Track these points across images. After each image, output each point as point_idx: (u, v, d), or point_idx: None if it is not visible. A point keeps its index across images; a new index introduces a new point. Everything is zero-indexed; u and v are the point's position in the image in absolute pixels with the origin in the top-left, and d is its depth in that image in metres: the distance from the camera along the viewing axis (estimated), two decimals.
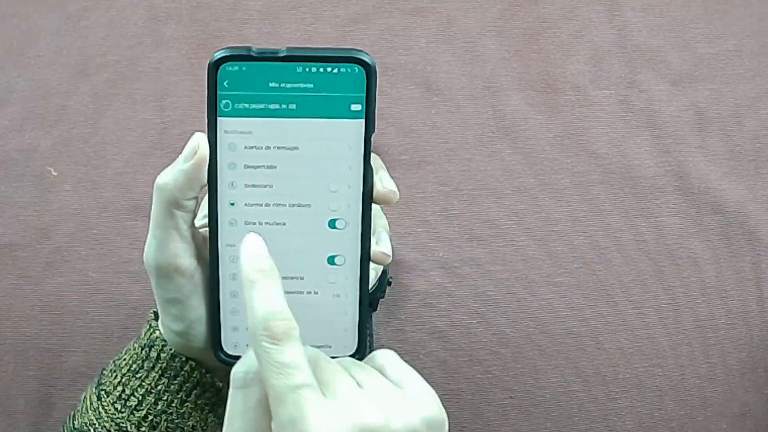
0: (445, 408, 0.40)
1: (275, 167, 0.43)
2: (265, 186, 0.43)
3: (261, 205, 0.44)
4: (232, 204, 0.44)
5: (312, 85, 0.42)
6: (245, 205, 0.44)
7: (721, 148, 0.66)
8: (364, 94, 0.42)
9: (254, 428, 0.38)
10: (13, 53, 0.68)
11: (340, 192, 0.44)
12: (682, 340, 0.64)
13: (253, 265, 0.39)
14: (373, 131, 0.43)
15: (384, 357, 0.42)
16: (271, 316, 0.37)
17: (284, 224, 0.44)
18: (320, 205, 0.44)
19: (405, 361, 0.42)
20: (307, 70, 0.42)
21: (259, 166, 0.43)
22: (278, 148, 0.43)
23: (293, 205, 0.44)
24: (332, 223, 0.44)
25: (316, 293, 0.45)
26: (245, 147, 0.43)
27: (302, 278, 0.45)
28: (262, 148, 0.43)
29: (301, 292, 0.45)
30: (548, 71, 0.67)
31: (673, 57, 0.68)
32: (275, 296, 0.38)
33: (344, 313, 0.45)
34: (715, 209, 0.65)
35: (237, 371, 0.39)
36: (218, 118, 0.43)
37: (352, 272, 0.45)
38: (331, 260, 0.45)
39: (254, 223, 0.44)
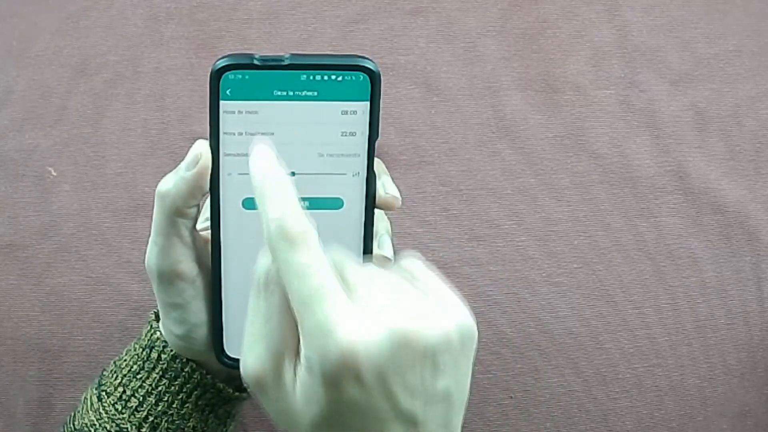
0: None
1: (280, 137, 0.43)
2: None
3: None
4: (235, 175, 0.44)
5: (316, 93, 0.42)
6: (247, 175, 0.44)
7: (721, 148, 0.66)
8: (368, 102, 0.42)
9: (278, 334, 0.36)
10: (13, 53, 0.68)
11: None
12: (682, 340, 0.64)
13: (264, 170, 0.37)
14: (377, 138, 0.43)
15: (412, 264, 0.39)
16: (286, 218, 0.35)
17: None
18: None
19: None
20: (310, 77, 0.42)
21: (263, 136, 0.43)
22: (282, 118, 0.42)
23: (296, 174, 0.44)
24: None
25: None
26: (248, 118, 0.42)
27: None
28: (266, 118, 0.42)
29: None
30: (548, 71, 0.67)
31: (673, 57, 0.68)
32: (289, 199, 0.36)
33: None
34: (715, 209, 0.65)
35: (257, 272, 0.36)
36: (221, 126, 0.42)
37: (357, 244, 0.45)
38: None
39: None
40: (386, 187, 0.45)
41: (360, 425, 0.34)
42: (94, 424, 0.47)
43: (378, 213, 0.48)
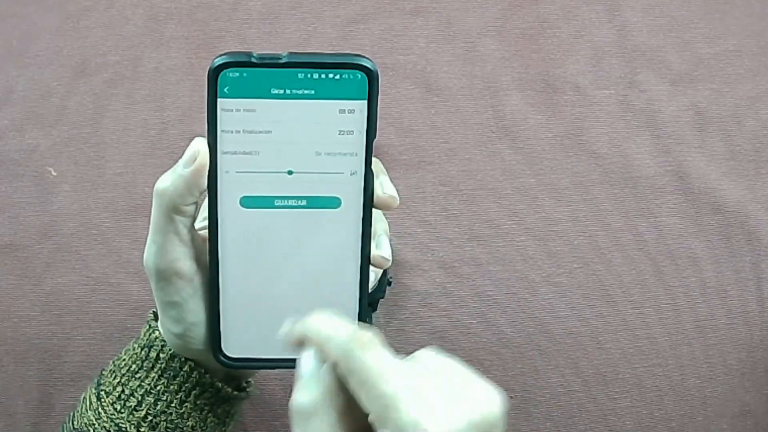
0: None
1: (277, 135, 0.43)
2: (267, 155, 0.43)
3: (261, 173, 0.44)
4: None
5: (313, 92, 0.42)
6: (245, 173, 0.43)
7: (721, 148, 0.66)
8: (366, 100, 0.42)
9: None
10: (13, 53, 0.68)
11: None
12: (682, 340, 0.64)
13: (297, 324, 0.40)
14: (375, 137, 0.43)
15: (429, 358, 0.41)
16: (355, 329, 0.37)
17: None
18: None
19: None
20: (308, 76, 0.42)
21: (260, 134, 0.43)
22: (280, 116, 0.42)
23: (294, 173, 0.44)
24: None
25: None
26: (246, 116, 0.42)
27: None
28: (263, 116, 0.42)
29: None
30: (548, 71, 0.67)
31: (673, 57, 0.68)
32: (342, 320, 0.39)
33: (344, 309, 0.45)
34: (715, 209, 0.65)
35: (302, 401, 0.38)
36: (218, 122, 0.42)
37: (354, 243, 0.45)
38: None
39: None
40: (384, 187, 0.45)
41: None
42: (93, 424, 0.47)
43: (376, 213, 0.48)
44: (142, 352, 0.48)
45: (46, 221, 0.64)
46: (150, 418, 0.47)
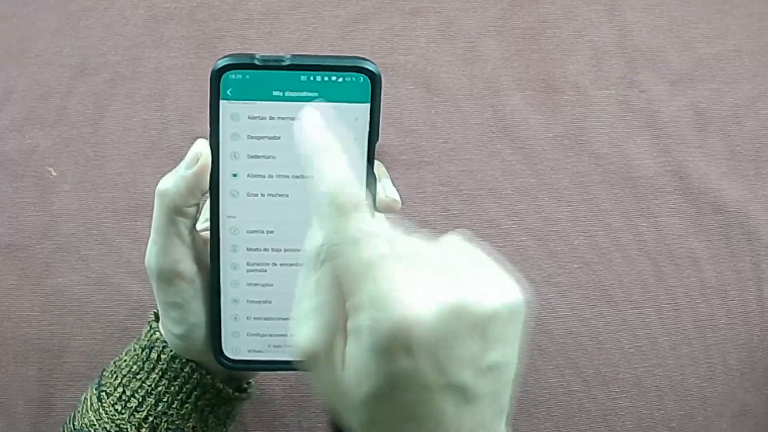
0: None
1: (279, 138, 0.43)
2: (268, 157, 0.43)
3: (264, 177, 0.43)
4: (234, 175, 0.43)
5: (316, 94, 0.42)
6: (248, 176, 0.43)
7: (721, 148, 0.66)
8: (368, 104, 0.42)
9: (328, 309, 0.35)
10: (13, 53, 0.68)
11: None
12: (682, 340, 0.64)
13: (312, 136, 0.36)
14: (377, 140, 0.43)
15: (458, 240, 0.38)
16: (339, 189, 0.34)
17: (287, 196, 0.44)
18: None
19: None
20: (311, 78, 0.42)
21: (262, 137, 0.43)
22: (282, 118, 0.42)
23: (296, 177, 0.44)
24: None
25: None
26: (248, 118, 0.42)
27: None
28: (266, 118, 0.42)
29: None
30: (548, 71, 0.67)
31: (673, 57, 0.68)
32: (340, 168, 0.35)
33: None
34: (715, 209, 0.65)
35: (308, 249, 0.35)
36: (221, 124, 0.42)
37: None
38: None
39: (256, 195, 0.44)
40: (386, 190, 0.45)
41: (411, 398, 0.33)
42: (94, 425, 0.47)
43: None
44: (143, 353, 0.48)
45: (46, 221, 0.64)
46: (151, 419, 0.47)
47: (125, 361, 0.49)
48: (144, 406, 0.47)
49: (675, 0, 0.69)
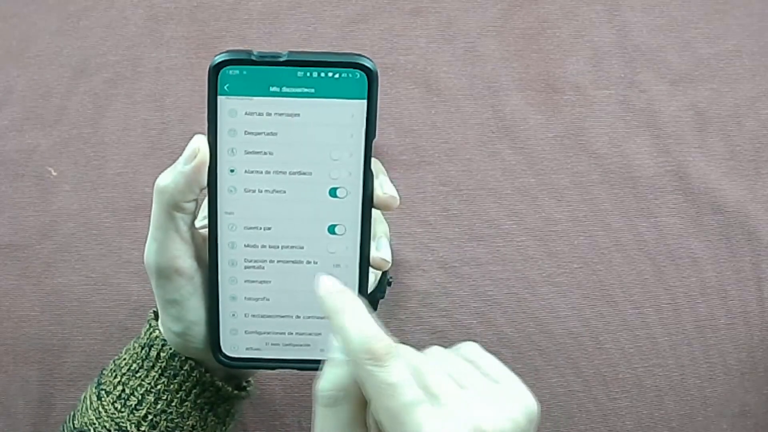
0: None
1: (276, 134, 0.43)
2: (266, 153, 0.43)
3: (261, 173, 0.43)
4: (232, 171, 0.43)
5: (313, 90, 0.42)
6: (245, 172, 0.43)
7: (721, 148, 0.66)
8: (365, 100, 0.42)
9: None
10: (13, 53, 0.68)
11: (342, 160, 0.43)
12: (682, 340, 0.64)
13: (334, 293, 0.38)
14: (374, 137, 0.43)
15: (473, 351, 0.42)
16: (371, 338, 0.36)
17: (284, 192, 0.44)
18: (321, 173, 0.43)
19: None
20: (308, 74, 0.42)
21: (259, 133, 0.43)
22: (279, 114, 0.42)
23: (294, 173, 0.44)
24: (333, 192, 0.44)
25: (315, 263, 0.45)
26: (245, 113, 0.42)
27: (302, 248, 0.45)
28: (263, 114, 0.42)
29: (301, 262, 0.45)
30: (548, 71, 0.67)
31: (673, 57, 0.68)
32: (367, 319, 0.37)
33: (344, 283, 0.45)
34: (715, 209, 0.65)
35: (324, 389, 0.38)
36: (218, 119, 0.42)
37: (353, 243, 0.45)
38: (331, 230, 0.45)
39: (254, 191, 0.44)
40: (384, 187, 0.45)
41: None
42: (94, 423, 0.47)
43: (377, 214, 0.48)
44: (143, 351, 0.48)
45: (46, 221, 0.64)
46: (150, 417, 0.47)
47: (125, 359, 0.49)
48: (143, 404, 0.47)
49: (675, 0, 0.69)
